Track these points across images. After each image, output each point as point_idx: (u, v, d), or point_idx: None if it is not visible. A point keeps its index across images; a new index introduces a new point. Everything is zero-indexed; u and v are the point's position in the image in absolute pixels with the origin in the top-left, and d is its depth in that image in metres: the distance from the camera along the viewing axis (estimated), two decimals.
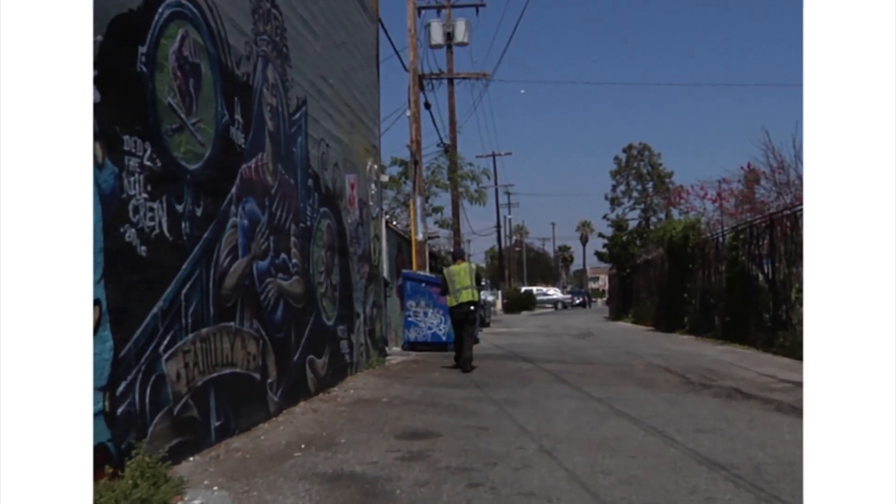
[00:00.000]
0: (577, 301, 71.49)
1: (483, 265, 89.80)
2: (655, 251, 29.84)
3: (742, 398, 8.43)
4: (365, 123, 12.06)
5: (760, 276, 15.55)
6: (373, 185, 12.37)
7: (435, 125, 40.38)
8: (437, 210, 24.42)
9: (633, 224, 55.58)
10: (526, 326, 29.79)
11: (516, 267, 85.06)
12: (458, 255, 12.53)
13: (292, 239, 8.12)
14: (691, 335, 19.89)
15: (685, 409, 7.69)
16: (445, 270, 11.84)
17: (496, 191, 63.92)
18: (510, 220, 74.79)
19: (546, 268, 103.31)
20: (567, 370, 11.44)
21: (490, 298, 32.75)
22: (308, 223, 8.75)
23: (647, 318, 28.30)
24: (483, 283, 14.29)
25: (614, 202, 71.72)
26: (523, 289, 63.71)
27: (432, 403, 8.10)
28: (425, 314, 15.51)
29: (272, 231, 7.48)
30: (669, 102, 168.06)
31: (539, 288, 71.31)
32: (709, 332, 18.58)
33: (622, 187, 72.26)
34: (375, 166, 12.60)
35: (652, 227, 58.20)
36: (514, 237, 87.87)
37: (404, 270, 16.26)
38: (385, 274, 15.72)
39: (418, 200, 19.11)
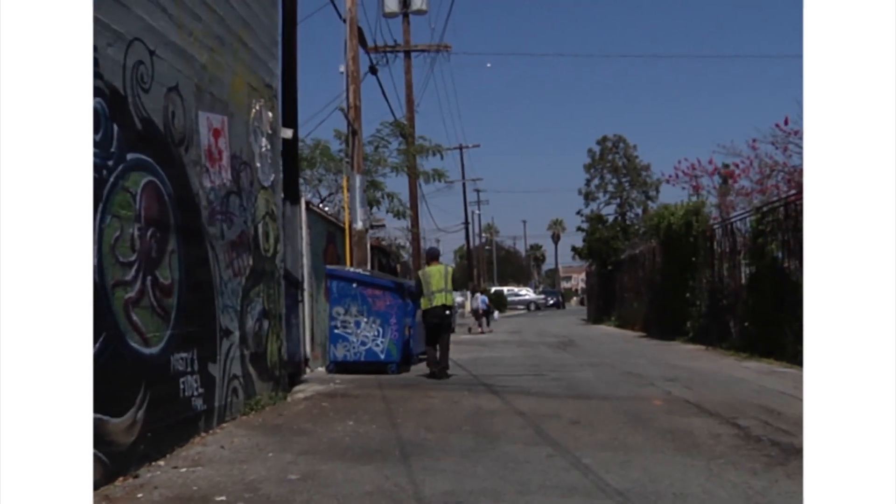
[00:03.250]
0: (551, 302, 67.83)
1: (452, 265, 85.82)
2: (643, 244, 26.23)
3: None
4: (250, 48, 8.12)
5: (801, 271, 11.81)
6: (264, 141, 8.42)
7: (387, 100, 36.31)
8: (385, 192, 20.32)
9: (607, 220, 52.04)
10: (495, 332, 25.97)
11: (486, 266, 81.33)
12: (434, 256, 12.07)
13: None
14: (698, 345, 16.14)
15: None
16: (420, 272, 11.54)
17: (464, 185, 60.14)
18: (479, 215, 71.04)
19: (517, 267, 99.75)
20: (552, 411, 7.59)
21: (469, 301, 28.44)
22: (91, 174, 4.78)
23: (634, 322, 24.62)
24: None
25: (588, 197, 68.33)
26: (493, 289, 59.72)
27: None
28: (357, 324, 11.57)
29: None
30: (645, 93, 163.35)
31: (510, 288, 67.57)
32: (723, 342, 14.83)
33: (596, 181, 69.01)
34: (270, 115, 8.65)
35: (629, 223, 54.80)
36: (485, 236, 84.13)
37: (329, 267, 12.31)
38: (305, 271, 11.80)
39: (357, 179, 15.15)
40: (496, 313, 33.07)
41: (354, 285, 11.62)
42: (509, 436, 6.33)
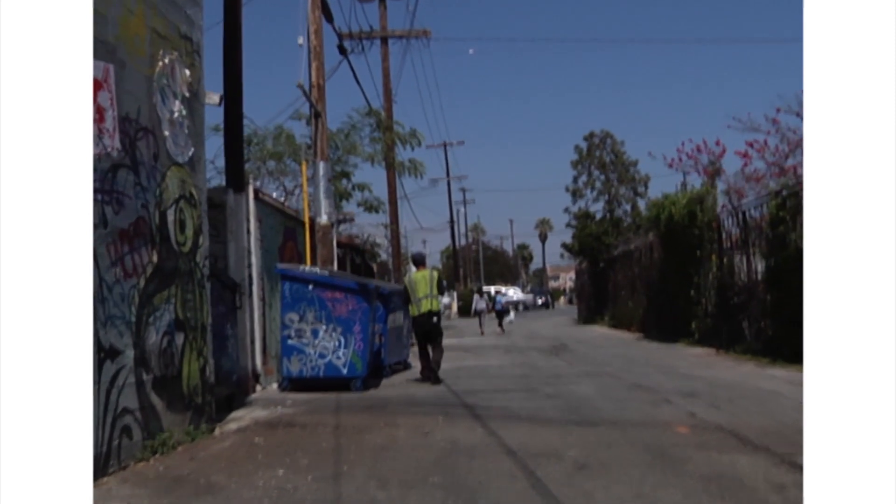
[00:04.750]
0: (540, 302, 66.16)
1: (439, 265, 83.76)
2: (637, 239, 24.56)
3: None
4: None
5: None
6: (177, 104, 6.61)
7: (360, 87, 34.36)
8: (355, 184, 18.45)
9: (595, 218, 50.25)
10: (482, 337, 24.19)
11: (473, 266, 79.58)
12: (420, 262, 11.73)
13: None
14: (706, 347, 14.42)
15: None
16: (407, 278, 11.30)
17: (448, 183, 58.45)
18: (465, 214, 69.31)
19: (505, 267, 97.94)
20: (550, 447, 5.81)
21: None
22: None
23: (630, 323, 22.90)
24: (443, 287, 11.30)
25: (576, 194, 66.76)
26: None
27: None
28: (314, 333, 9.77)
29: None
30: (633, 86, 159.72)
31: (498, 288, 65.76)
32: (736, 345, 13.11)
33: (584, 178, 67.45)
34: (188, 73, 6.84)
35: (617, 219, 53.11)
36: (471, 235, 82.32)
37: (279, 266, 10.44)
38: (253, 271, 10.02)
39: (321, 167, 13.34)
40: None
41: (310, 287, 9.82)
42: (494, 492, 4.55)
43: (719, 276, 14.67)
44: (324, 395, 9.26)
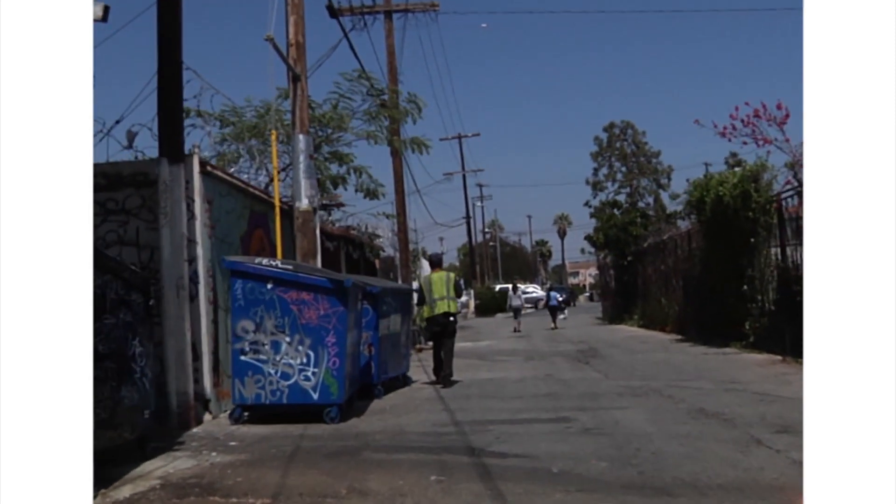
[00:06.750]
0: (561, 298, 63.48)
1: (456, 263, 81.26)
2: (671, 228, 22.18)
3: None
4: None
5: None
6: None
7: (359, 61, 30.95)
8: (352, 167, 16.02)
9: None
10: (499, 337, 21.89)
11: (490, 263, 77.20)
12: (437, 263, 11.56)
13: None
14: (765, 353, 11.99)
15: None
16: (423, 279, 11.36)
17: (464, 177, 56.19)
18: (483, 208, 66.84)
19: (523, 263, 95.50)
20: None
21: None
22: None
23: (664, 322, 20.49)
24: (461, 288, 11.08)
25: (596, 187, 64.45)
26: (498, 287, 55.39)
27: None
28: (275, 347, 7.45)
29: None
30: (656, 71, 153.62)
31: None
32: None
33: (605, 170, 65.06)
34: None
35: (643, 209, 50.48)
36: (488, 231, 79.81)
37: (228, 259, 8.04)
38: (199, 266, 7.77)
39: (301, 141, 11.04)
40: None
41: (269, 286, 7.48)
42: None
43: (781, 268, 12.25)
44: (285, 429, 6.99)
